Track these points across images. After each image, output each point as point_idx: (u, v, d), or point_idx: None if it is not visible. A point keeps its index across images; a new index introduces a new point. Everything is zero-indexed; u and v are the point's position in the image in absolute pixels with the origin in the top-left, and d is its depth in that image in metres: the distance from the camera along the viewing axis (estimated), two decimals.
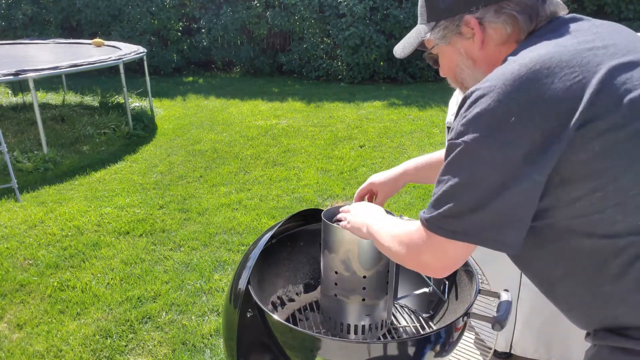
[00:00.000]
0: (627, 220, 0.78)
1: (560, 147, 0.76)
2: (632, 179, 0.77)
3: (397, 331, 1.40)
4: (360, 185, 1.47)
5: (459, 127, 0.81)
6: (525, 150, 0.76)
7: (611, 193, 0.77)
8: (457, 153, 0.81)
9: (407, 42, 1.07)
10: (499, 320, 1.11)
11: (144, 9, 9.61)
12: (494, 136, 0.77)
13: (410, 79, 9.09)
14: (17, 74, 4.72)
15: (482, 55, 0.96)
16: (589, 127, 0.75)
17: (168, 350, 2.34)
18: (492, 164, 0.78)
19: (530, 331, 2.03)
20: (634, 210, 0.78)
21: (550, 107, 0.76)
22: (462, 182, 0.80)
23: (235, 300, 1.22)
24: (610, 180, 0.77)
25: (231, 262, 3.10)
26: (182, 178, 4.52)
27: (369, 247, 1.20)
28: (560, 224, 0.83)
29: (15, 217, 3.70)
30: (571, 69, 0.77)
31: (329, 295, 1.28)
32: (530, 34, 0.91)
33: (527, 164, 0.76)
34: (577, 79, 0.76)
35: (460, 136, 0.80)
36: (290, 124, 6.31)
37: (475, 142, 0.78)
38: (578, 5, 8.71)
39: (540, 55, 0.80)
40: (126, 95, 6.13)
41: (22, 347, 2.37)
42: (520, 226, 0.81)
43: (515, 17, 0.91)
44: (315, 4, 9.07)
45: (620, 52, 0.81)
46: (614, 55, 0.80)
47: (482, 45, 0.95)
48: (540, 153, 0.76)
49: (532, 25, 0.91)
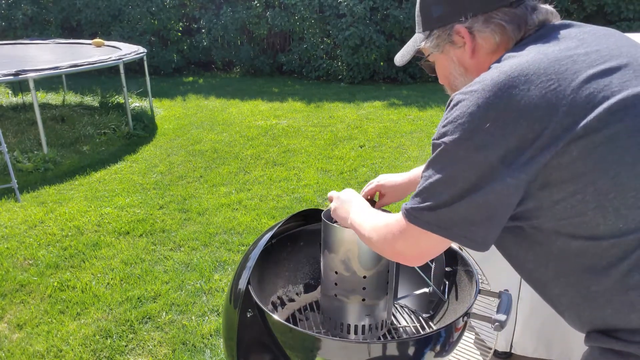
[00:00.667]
0: (607, 222, 0.80)
1: (536, 153, 0.79)
2: (609, 182, 0.79)
3: (397, 331, 1.40)
4: (360, 185, 1.47)
5: (441, 128, 0.86)
6: (499, 154, 0.80)
7: (590, 196, 0.80)
8: (438, 153, 0.86)
9: (405, 50, 1.13)
10: (499, 320, 1.11)
11: (144, 9, 9.61)
12: (471, 139, 0.81)
13: (410, 79, 9.10)
14: (17, 74, 4.72)
15: (473, 63, 0.99)
16: (566, 133, 0.78)
17: (168, 350, 2.34)
18: (467, 165, 0.82)
19: (531, 331, 2.03)
20: (613, 213, 0.80)
21: (525, 114, 0.79)
22: (440, 179, 0.85)
23: (235, 300, 1.22)
24: (589, 184, 0.79)
25: (231, 262, 3.10)
26: (182, 178, 4.53)
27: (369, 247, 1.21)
28: (546, 226, 0.86)
29: (15, 217, 3.70)
30: (547, 77, 0.80)
31: (329, 295, 1.28)
32: (519, 41, 0.94)
33: (501, 167, 0.80)
34: (552, 87, 0.79)
35: (441, 137, 0.85)
36: (290, 124, 6.31)
37: (454, 143, 0.83)
38: (578, 5, 8.71)
39: (520, 63, 0.83)
40: (126, 95, 6.13)
41: (22, 347, 2.37)
42: (490, 226, 0.84)
43: (503, 27, 0.93)
44: (315, 4, 9.07)
45: (602, 59, 0.83)
46: (594, 62, 0.82)
47: (472, 53, 0.98)
48: (515, 157, 0.79)
49: (521, 34, 0.94)
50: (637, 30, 8.32)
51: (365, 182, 4.35)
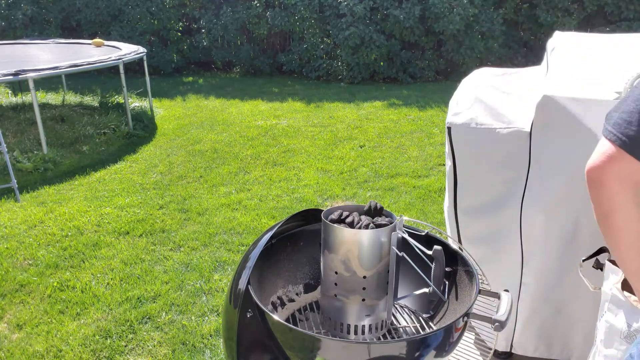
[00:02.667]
0: None
1: None
2: None
3: (397, 331, 1.39)
4: (360, 185, 1.47)
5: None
6: None
7: None
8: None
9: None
10: (499, 321, 1.11)
11: (144, 9, 9.60)
12: None
13: (410, 79, 9.09)
14: (17, 74, 4.72)
15: None
16: None
17: (168, 351, 2.34)
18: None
19: (531, 330, 2.03)
20: None
21: None
22: None
23: (235, 300, 1.22)
24: None
25: (231, 262, 3.10)
26: (182, 178, 4.52)
27: (369, 247, 1.20)
28: None
29: (15, 217, 3.70)
30: None
31: (329, 296, 1.28)
32: None
33: None
34: None
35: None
36: (290, 124, 6.31)
37: None
38: (578, 5, 8.71)
39: None
40: (126, 95, 6.12)
41: (22, 347, 2.37)
42: None
43: None
44: (315, 4, 9.06)
45: None
46: None
47: None
48: None
49: None
50: (637, 30, 8.31)
51: (365, 182, 4.36)
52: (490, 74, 2.30)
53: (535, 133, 1.80)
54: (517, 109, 1.92)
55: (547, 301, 1.93)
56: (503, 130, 1.89)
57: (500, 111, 1.94)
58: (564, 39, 2.16)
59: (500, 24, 8.86)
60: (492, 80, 2.19)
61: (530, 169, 1.85)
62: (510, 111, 1.93)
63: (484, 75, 2.29)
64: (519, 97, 1.99)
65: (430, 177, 4.44)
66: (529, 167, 1.85)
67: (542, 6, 8.82)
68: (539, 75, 2.08)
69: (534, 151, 1.82)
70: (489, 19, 8.80)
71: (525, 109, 1.88)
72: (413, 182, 4.32)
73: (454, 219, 2.16)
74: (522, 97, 1.98)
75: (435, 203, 3.90)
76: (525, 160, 1.86)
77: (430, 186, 4.22)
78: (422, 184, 4.27)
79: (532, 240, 1.90)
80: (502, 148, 1.90)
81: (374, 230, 1.21)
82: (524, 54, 9.47)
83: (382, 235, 1.22)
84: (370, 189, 4.22)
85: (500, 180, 1.96)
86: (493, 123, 1.92)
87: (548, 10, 8.79)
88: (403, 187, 4.23)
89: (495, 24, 8.80)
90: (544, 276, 1.89)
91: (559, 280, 1.89)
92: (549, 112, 1.73)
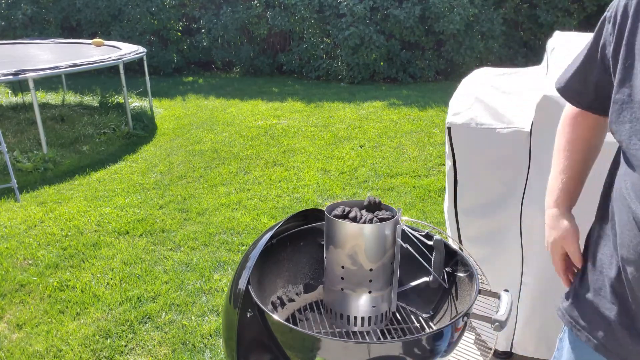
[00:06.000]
0: None
1: None
2: None
3: (397, 331, 1.40)
4: (360, 185, 1.47)
5: None
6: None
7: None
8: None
9: None
10: (499, 321, 1.11)
11: (144, 9, 9.60)
12: None
13: (410, 79, 9.10)
14: (17, 74, 4.72)
15: None
16: None
17: (168, 351, 2.34)
18: None
19: (531, 330, 2.03)
20: None
21: None
22: None
23: (235, 300, 1.22)
24: None
25: (231, 262, 3.10)
26: (182, 178, 4.52)
27: (375, 240, 1.22)
28: None
29: (15, 217, 3.70)
30: None
31: (335, 290, 1.29)
32: None
33: None
34: None
35: None
36: (290, 124, 6.31)
37: None
38: (578, 5, 8.72)
39: None
40: (126, 95, 6.12)
41: (22, 347, 2.37)
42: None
43: None
44: (315, 4, 9.07)
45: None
46: None
47: None
48: None
49: None
50: None
51: (365, 182, 4.36)
52: (490, 74, 2.30)
53: (535, 133, 1.80)
54: (517, 109, 1.92)
55: (547, 301, 1.93)
56: (503, 130, 1.89)
57: (500, 111, 1.94)
58: (564, 39, 2.16)
59: (500, 24, 8.86)
60: (492, 80, 2.19)
61: (530, 169, 1.85)
62: (510, 111, 1.93)
63: (484, 75, 2.29)
64: (519, 97, 1.99)
65: (430, 177, 4.44)
66: (529, 167, 1.85)
67: (542, 6, 8.82)
68: (539, 75, 2.08)
69: (534, 151, 1.82)
70: (489, 19, 8.80)
71: (525, 109, 1.88)
72: (413, 182, 4.32)
73: (454, 219, 2.16)
74: (522, 97, 1.98)
75: (435, 203, 3.90)
76: (525, 160, 1.86)
77: (430, 186, 4.22)
78: (422, 184, 4.27)
79: (532, 240, 1.90)
80: (502, 148, 1.90)
81: (380, 224, 1.22)
82: (524, 54, 9.47)
83: (387, 228, 1.24)
84: (370, 188, 4.22)
85: (500, 180, 1.96)
86: (493, 123, 1.92)
87: (548, 10, 8.79)
88: (403, 187, 4.23)
89: (495, 24, 8.80)
90: (544, 276, 1.89)
91: (559, 280, 1.89)
92: (549, 112, 1.73)
